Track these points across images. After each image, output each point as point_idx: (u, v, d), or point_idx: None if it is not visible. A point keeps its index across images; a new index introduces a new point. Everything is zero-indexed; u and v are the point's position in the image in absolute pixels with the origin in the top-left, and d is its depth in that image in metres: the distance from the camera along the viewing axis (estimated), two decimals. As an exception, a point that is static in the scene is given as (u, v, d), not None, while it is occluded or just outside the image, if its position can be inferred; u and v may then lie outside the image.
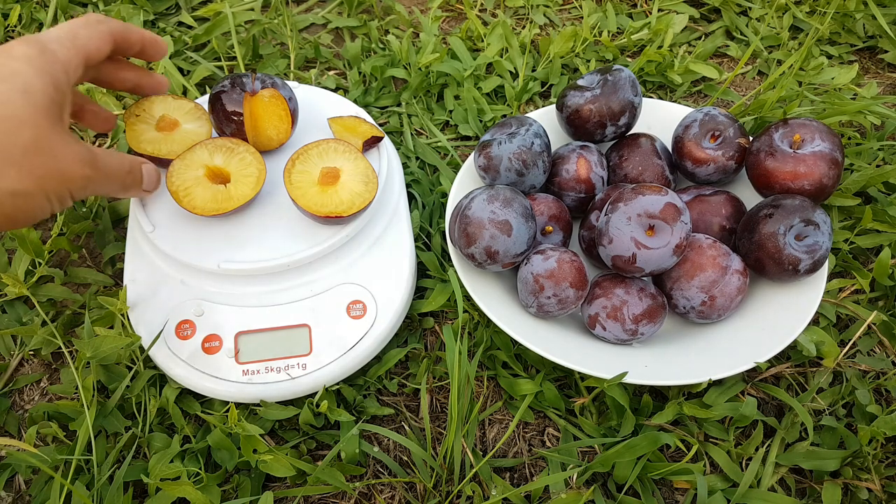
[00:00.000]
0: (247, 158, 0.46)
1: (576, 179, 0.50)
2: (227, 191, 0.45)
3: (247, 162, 0.46)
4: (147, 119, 0.47)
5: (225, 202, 0.44)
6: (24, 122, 0.33)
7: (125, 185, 0.41)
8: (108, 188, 0.40)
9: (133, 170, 0.42)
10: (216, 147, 0.46)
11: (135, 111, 0.47)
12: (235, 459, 0.41)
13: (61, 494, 0.39)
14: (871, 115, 0.59)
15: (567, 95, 0.51)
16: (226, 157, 0.46)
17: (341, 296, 0.45)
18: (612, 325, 0.44)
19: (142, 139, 0.46)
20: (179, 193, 0.44)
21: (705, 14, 0.76)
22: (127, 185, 0.41)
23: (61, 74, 0.36)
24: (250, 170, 0.46)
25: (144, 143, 0.46)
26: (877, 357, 0.47)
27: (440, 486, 0.42)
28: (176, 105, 0.48)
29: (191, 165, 0.45)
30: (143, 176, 0.43)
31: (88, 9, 0.74)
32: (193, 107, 0.48)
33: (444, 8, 0.77)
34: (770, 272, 0.44)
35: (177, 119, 0.47)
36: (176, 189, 0.44)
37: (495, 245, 0.43)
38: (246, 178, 0.46)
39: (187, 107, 0.48)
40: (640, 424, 0.43)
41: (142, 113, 0.47)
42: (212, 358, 0.43)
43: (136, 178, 0.42)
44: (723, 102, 0.66)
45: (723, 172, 0.50)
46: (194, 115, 0.48)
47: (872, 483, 0.40)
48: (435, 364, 0.48)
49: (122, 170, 0.40)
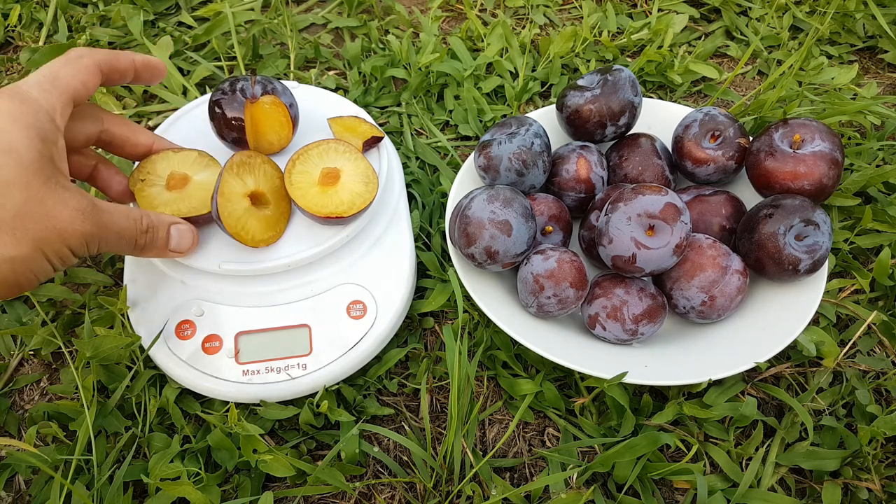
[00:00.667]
0: (269, 171, 0.45)
1: (576, 179, 0.50)
2: (272, 214, 0.44)
3: (270, 175, 0.45)
4: (154, 181, 0.44)
5: (276, 224, 0.44)
6: (13, 184, 0.31)
7: (140, 244, 0.38)
8: (117, 246, 0.37)
9: (152, 228, 0.39)
10: (242, 167, 0.43)
11: (139, 176, 0.43)
12: (235, 459, 0.41)
13: (61, 494, 0.39)
14: (871, 115, 0.59)
15: (567, 95, 0.51)
16: (254, 176, 0.44)
17: (341, 296, 0.45)
18: (612, 325, 0.44)
19: (156, 203, 0.43)
20: (241, 234, 0.42)
21: (705, 14, 0.76)
22: (142, 245, 0.38)
23: (47, 123, 0.34)
24: (277, 183, 0.45)
25: (161, 206, 0.43)
26: (877, 357, 0.47)
27: (440, 486, 0.42)
28: (179, 159, 0.45)
29: (231, 199, 0.42)
30: (173, 236, 0.40)
31: (88, 9, 0.74)
32: (197, 155, 0.46)
33: (444, 8, 0.77)
34: (770, 272, 0.44)
35: (185, 173, 0.45)
36: (236, 231, 0.41)
37: (495, 245, 0.43)
38: (276, 191, 0.45)
39: (191, 157, 0.45)
40: (640, 424, 0.43)
41: (147, 176, 0.44)
42: (212, 358, 0.43)
43: (156, 238, 0.39)
44: (723, 102, 0.66)
45: (723, 172, 0.50)
46: (201, 164, 0.45)
47: (872, 483, 0.40)
48: (435, 364, 0.48)
49: (132, 228, 0.37)
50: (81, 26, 0.71)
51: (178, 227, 0.41)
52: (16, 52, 0.71)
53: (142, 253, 0.39)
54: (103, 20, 0.73)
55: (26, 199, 0.32)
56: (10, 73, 0.69)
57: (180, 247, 0.41)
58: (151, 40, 0.69)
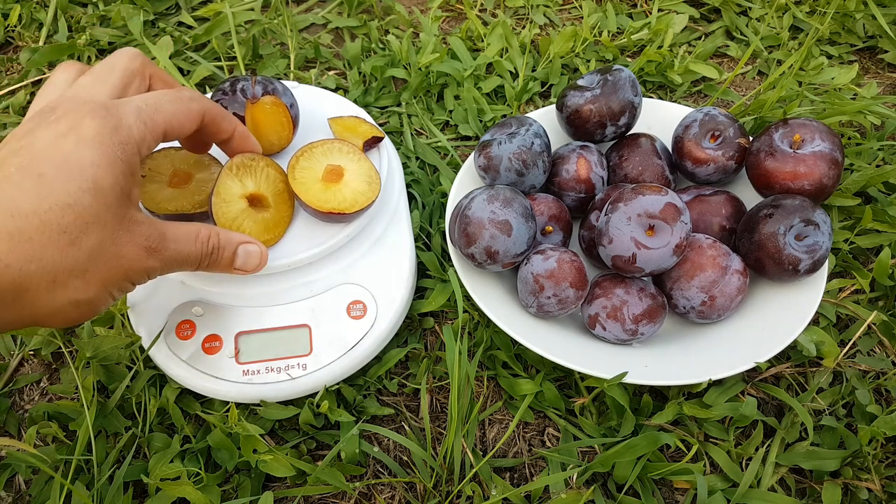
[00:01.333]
0: (272, 175, 0.44)
1: (576, 179, 0.50)
2: (271, 217, 0.43)
3: (272, 178, 0.44)
4: (156, 177, 0.44)
5: (275, 228, 0.44)
6: (91, 225, 0.29)
7: (202, 266, 0.37)
8: (178, 269, 0.36)
9: (217, 250, 0.37)
10: (242, 168, 0.42)
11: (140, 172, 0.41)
12: (235, 459, 0.41)
13: (61, 494, 0.39)
14: (871, 115, 0.59)
15: (567, 95, 0.51)
16: (255, 178, 0.43)
17: (341, 296, 0.45)
18: (612, 325, 0.44)
19: (158, 199, 0.43)
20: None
21: (705, 14, 0.76)
22: (205, 266, 0.37)
23: (134, 157, 0.32)
24: (280, 186, 0.44)
25: (163, 202, 0.43)
26: (877, 357, 0.47)
27: (440, 486, 0.42)
28: (182, 157, 0.45)
29: (228, 200, 0.41)
30: (239, 256, 0.38)
31: (88, 9, 0.74)
32: (198, 157, 0.46)
33: (444, 8, 0.77)
34: (770, 272, 0.44)
35: (189, 171, 0.45)
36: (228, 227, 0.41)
37: (495, 245, 0.43)
38: (279, 194, 0.44)
39: (192, 158, 0.46)
40: (640, 424, 0.43)
41: (148, 172, 0.44)
42: (212, 358, 0.43)
43: (220, 259, 0.37)
44: (723, 102, 0.66)
45: (723, 172, 0.50)
46: (202, 165, 0.45)
47: (872, 483, 0.40)
48: (435, 364, 0.48)
49: (197, 253, 0.36)
50: (81, 26, 0.71)
51: (247, 247, 0.38)
52: (16, 52, 0.71)
53: (206, 270, 0.37)
54: (103, 20, 0.73)
55: (101, 239, 0.30)
56: (10, 73, 0.69)
57: (246, 266, 0.39)
58: (151, 40, 0.69)
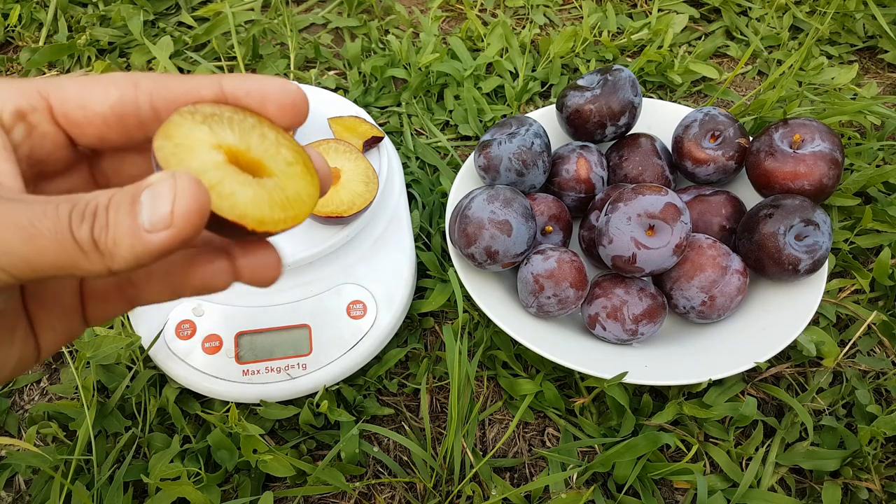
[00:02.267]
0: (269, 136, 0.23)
1: (576, 179, 0.50)
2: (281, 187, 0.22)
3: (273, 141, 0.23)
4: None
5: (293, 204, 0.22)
6: None
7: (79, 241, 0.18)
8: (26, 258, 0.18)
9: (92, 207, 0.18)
10: (210, 118, 0.22)
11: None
12: (235, 459, 0.41)
13: (61, 494, 0.39)
14: (871, 115, 0.59)
15: (567, 95, 0.51)
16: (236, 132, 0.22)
17: (341, 296, 0.45)
18: (612, 325, 0.44)
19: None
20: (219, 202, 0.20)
21: (705, 14, 0.76)
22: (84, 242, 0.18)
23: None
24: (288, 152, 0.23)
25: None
26: (877, 357, 0.47)
27: (440, 486, 0.42)
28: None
29: (186, 145, 0.21)
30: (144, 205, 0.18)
31: (88, 9, 0.74)
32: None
33: (444, 8, 0.77)
34: (770, 272, 0.44)
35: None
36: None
37: (495, 245, 0.43)
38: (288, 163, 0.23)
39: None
40: (640, 424, 0.43)
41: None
42: (212, 358, 0.43)
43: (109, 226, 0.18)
44: (723, 102, 0.66)
45: (723, 172, 0.50)
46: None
47: (872, 483, 0.40)
48: (435, 364, 0.48)
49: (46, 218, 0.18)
50: (81, 26, 0.71)
51: (155, 186, 0.18)
52: (16, 53, 0.71)
53: (96, 259, 0.18)
54: (103, 20, 0.73)
55: None
56: (10, 73, 0.69)
57: (157, 215, 0.18)
58: (151, 40, 0.69)
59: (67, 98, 0.21)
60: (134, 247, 0.18)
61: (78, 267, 0.18)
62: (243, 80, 0.22)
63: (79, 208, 0.18)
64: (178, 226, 0.18)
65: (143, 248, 0.18)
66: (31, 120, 0.21)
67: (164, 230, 0.18)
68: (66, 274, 0.18)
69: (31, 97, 0.21)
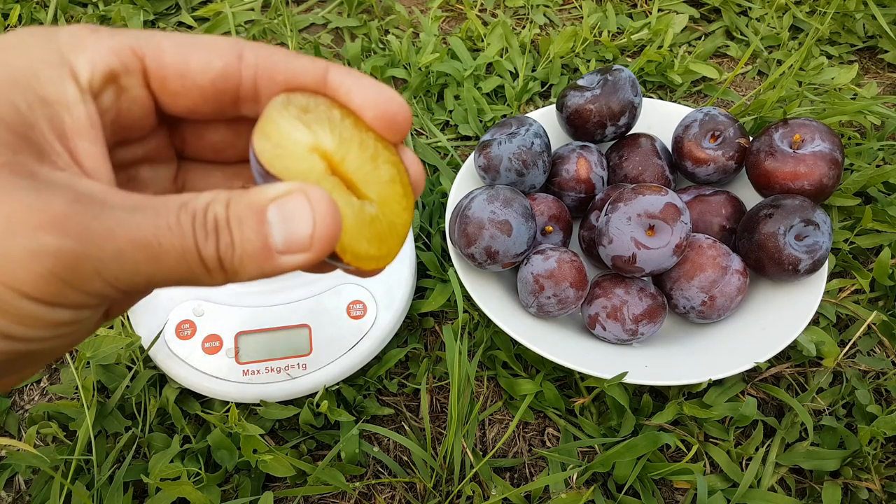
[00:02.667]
0: (368, 144, 0.20)
1: (576, 179, 0.50)
2: (381, 216, 0.20)
3: (371, 150, 0.20)
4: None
5: (388, 237, 0.20)
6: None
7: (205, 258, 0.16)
8: (149, 272, 0.16)
9: (223, 223, 0.16)
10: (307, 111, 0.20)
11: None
12: (235, 459, 0.41)
13: (61, 494, 0.39)
14: (871, 115, 0.59)
15: (567, 95, 0.51)
16: (335, 134, 0.20)
17: (341, 296, 0.45)
18: (612, 325, 0.44)
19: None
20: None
21: (705, 14, 0.76)
22: (210, 259, 0.16)
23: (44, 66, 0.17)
24: (386, 168, 0.20)
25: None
26: (877, 357, 0.47)
27: (440, 486, 0.42)
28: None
29: (288, 148, 0.19)
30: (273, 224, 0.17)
31: (88, 9, 0.74)
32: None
33: (444, 8, 0.77)
34: (770, 272, 0.44)
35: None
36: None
37: (495, 245, 0.43)
38: (385, 182, 0.20)
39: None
40: (640, 424, 0.43)
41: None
42: (212, 358, 0.43)
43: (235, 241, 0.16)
44: (723, 102, 0.66)
45: (723, 172, 0.50)
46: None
47: (872, 483, 0.40)
48: (435, 364, 0.48)
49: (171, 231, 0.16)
50: (81, 26, 0.71)
51: (284, 202, 0.17)
52: (16, 52, 0.71)
53: (219, 277, 0.17)
54: (103, 20, 0.73)
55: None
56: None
57: (292, 238, 0.17)
58: (151, 40, 0.69)
59: (166, 63, 0.19)
60: (263, 268, 0.17)
61: (196, 283, 0.17)
62: (348, 77, 0.20)
63: (199, 219, 0.16)
64: (317, 250, 0.17)
65: (272, 269, 0.17)
66: (123, 83, 0.18)
67: (300, 254, 0.17)
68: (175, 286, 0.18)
69: (125, 56, 0.18)
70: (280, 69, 0.19)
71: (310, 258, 0.17)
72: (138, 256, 0.16)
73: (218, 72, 0.19)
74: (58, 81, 0.17)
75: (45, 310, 0.15)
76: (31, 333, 0.16)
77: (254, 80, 0.19)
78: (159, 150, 0.22)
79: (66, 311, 0.16)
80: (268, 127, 0.19)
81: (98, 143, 0.18)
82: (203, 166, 0.23)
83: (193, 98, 0.19)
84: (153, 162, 0.22)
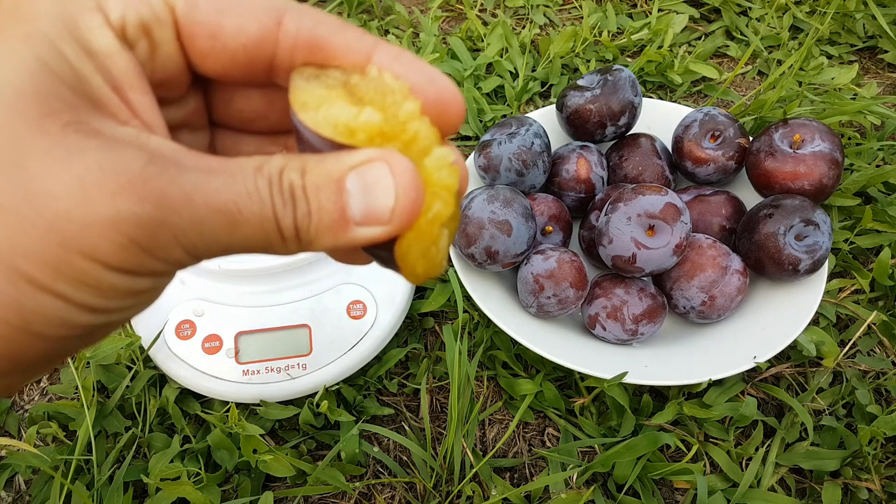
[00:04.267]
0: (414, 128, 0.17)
1: (576, 179, 0.50)
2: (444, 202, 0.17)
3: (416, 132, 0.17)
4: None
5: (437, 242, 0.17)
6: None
7: (283, 228, 0.16)
8: (226, 239, 0.16)
9: (299, 191, 0.16)
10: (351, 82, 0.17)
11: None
12: (235, 459, 0.41)
13: (61, 494, 0.39)
14: (871, 115, 0.59)
15: (567, 95, 0.51)
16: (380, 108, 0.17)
17: (341, 296, 0.45)
18: (612, 325, 0.44)
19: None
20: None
21: (705, 14, 0.76)
22: (288, 229, 0.16)
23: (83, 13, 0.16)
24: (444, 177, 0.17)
25: None
26: (877, 357, 0.47)
27: (440, 486, 0.42)
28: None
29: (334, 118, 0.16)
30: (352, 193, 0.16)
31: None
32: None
33: (444, 8, 0.77)
34: (770, 272, 0.44)
35: None
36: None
37: (495, 245, 0.43)
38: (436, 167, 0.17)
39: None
40: (640, 424, 0.43)
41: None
42: (212, 358, 0.43)
43: (313, 210, 0.16)
44: (723, 102, 0.66)
45: (723, 172, 0.50)
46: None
47: (872, 483, 0.40)
48: (435, 364, 0.48)
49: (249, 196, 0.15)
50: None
51: (363, 171, 0.16)
52: (16, 52, 0.71)
53: (293, 246, 0.17)
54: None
55: None
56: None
57: (373, 209, 0.16)
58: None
59: (197, 19, 0.17)
60: (338, 238, 0.16)
61: (269, 251, 0.16)
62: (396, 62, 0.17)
63: (275, 185, 0.15)
64: (397, 223, 0.16)
65: (347, 240, 0.16)
66: (156, 36, 0.17)
67: (378, 226, 0.16)
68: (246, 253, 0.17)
69: (156, 6, 0.16)
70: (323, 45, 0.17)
71: (388, 231, 0.16)
72: (218, 223, 0.15)
73: (252, 37, 0.17)
74: (97, 29, 0.16)
75: (127, 279, 0.15)
76: (112, 304, 0.15)
77: (292, 50, 0.17)
78: (196, 113, 0.20)
79: (146, 279, 0.15)
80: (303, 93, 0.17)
81: (149, 94, 0.17)
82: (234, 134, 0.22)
83: (223, 62, 0.18)
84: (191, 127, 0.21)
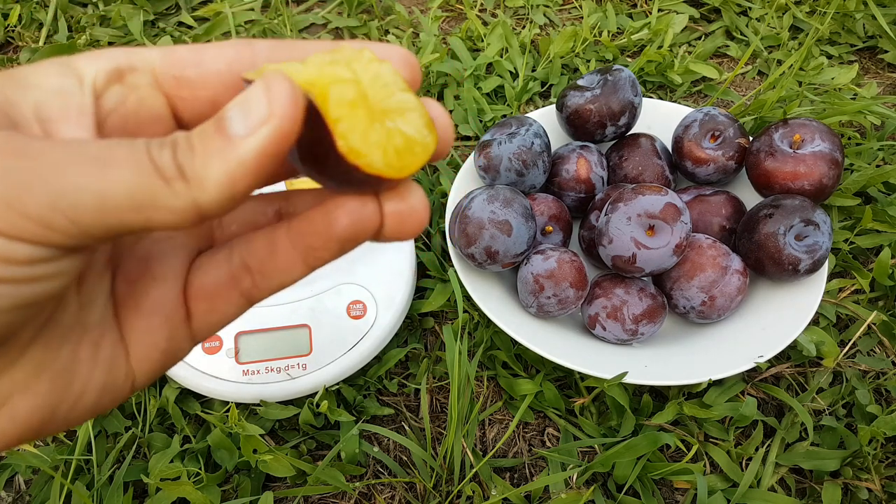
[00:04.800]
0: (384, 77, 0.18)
1: (576, 179, 0.50)
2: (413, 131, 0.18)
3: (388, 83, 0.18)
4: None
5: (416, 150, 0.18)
6: None
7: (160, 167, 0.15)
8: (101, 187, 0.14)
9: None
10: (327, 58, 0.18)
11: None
12: (235, 459, 0.41)
13: (61, 494, 0.39)
14: (871, 115, 0.59)
15: (567, 95, 0.51)
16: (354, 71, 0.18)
17: (341, 296, 0.45)
18: (612, 325, 0.44)
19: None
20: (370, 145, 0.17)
21: (705, 14, 0.76)
22: (166, 167, 0.15)
23: None
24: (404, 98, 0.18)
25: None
26: (877, 357, 0.47)
27: (440, 486, 0.42)
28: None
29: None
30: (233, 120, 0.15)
31: (88, 9, 0.74)
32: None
33: (444, 8, 0.77)
34: (770, 272, 0.44)
35: None
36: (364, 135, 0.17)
37: (495, 245, 0.43)
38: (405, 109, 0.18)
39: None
40: (640, 424, 0.43)
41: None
42: (212, 358, 0.43)
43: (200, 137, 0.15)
44: (723, 102, 0.66)
45: (723, 172, 0.50)
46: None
47: (872, 483, 0.40)
48: (435, 364, 0.48)
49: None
50: (81, 26, 0.71)
51: (239, 98, 0.15)
52: (16, 53, 0.71)
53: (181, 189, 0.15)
54: (103, 20, 0.73)
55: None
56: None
57: (252, 118, 0.15)
58: (151, 40, 0.69)
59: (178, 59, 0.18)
60: (227, 161, 0.15)
61: (159, 204, 0.15)
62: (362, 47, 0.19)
63: (156, 140, 0.15)
64: (280, 117, 0.15)
65: (237, 160, 0.15)
66: (130, 80, 0.18)
67: (262, 127, 0.15)
68: (144, 220, 0.15)
69: (134, 57, 0.18)
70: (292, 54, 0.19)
71: (276, 126, 0.15)
72: (85, 171, 0.14)
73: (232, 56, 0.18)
74: (56, 76, 0.17)
75: (6, 244, 0.14)
76: (18, 273, 0.15)
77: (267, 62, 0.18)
78: None
79: (25, 246, 0.14)
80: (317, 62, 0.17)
81: (84, 131, 0.17)
82: None
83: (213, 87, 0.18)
84: None
